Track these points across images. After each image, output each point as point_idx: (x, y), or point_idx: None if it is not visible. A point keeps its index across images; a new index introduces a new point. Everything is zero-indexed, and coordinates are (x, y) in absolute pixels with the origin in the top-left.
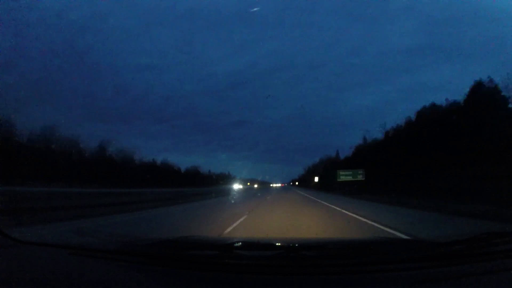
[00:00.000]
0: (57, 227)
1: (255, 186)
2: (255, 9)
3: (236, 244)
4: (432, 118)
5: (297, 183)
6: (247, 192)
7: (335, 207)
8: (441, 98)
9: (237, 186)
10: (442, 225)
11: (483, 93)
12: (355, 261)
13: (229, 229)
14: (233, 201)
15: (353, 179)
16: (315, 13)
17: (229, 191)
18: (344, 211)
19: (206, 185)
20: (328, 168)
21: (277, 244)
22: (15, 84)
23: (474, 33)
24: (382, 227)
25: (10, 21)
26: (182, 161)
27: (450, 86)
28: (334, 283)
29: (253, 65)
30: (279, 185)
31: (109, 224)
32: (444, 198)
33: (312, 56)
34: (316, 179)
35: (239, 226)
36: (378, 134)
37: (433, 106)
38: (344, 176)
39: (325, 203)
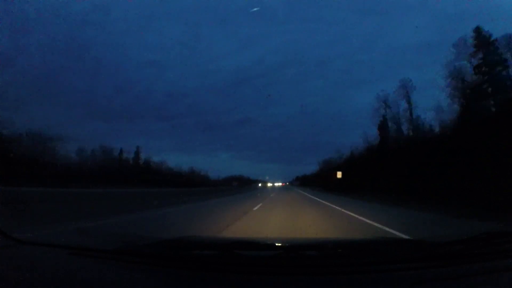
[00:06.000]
0: (57, 227)
1: None
2: (255, 9)
3: (236, 244)
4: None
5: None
6: None
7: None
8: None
9: None
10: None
11: None
12: (355, 261)
13: None
14: None
15: None
16: (324, 7)
17: None
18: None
19: None
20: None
21: (277, 244)
22: (12, 81)
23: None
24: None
25: (7, 14)
26: (183, 160)
27: None
28: (334, 283)
29: (259, 61)
30: (280, 184)
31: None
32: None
33: (319, 52)
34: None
35: None
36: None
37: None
38: None
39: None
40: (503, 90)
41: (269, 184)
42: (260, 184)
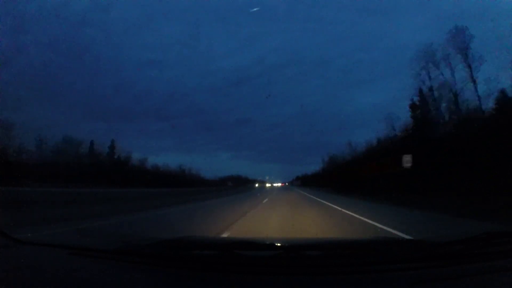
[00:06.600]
0: (58, 228)
1: None
2: (255, 9)
3: (236, 244)
4: None
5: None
6: None
7: None
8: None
9: None
10: None
11: None
12: (355, 261)
13: None
14: None
15: None
16: (324, 7)
17: None
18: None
19: None
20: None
21: (277, 244)
22: (12, 81)
23: (485, 29)
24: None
25: (7, 13)
26: (183, 160)
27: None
28: (333, 283)
29: (259, 61)
30: (279, 184)
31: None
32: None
33: (320, 52)
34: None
35: None
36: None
37: None
38: None
39: None
40: None
41: (268, 185)
42: (257, 185)
